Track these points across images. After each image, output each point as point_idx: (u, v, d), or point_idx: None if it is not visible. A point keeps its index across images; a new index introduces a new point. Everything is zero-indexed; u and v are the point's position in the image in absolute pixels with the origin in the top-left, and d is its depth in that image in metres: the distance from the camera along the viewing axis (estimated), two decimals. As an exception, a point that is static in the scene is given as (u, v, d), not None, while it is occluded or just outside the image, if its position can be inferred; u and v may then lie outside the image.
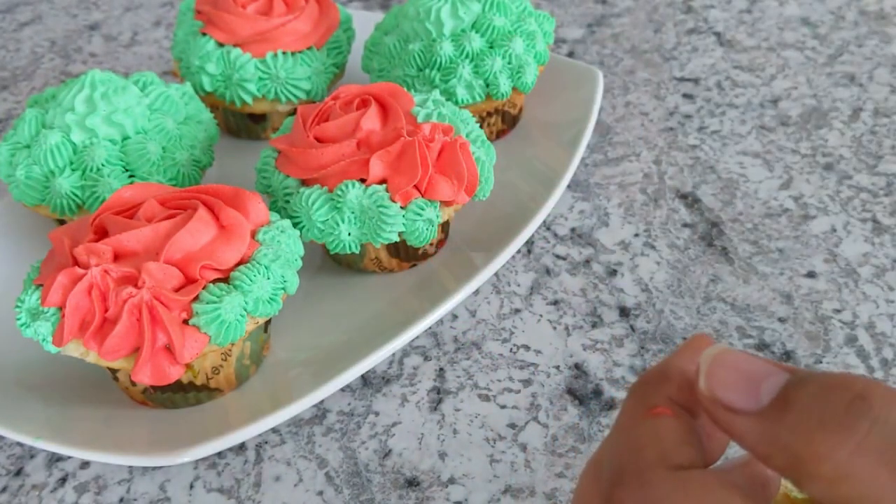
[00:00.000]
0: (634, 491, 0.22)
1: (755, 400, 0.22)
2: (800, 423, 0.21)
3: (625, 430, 0.24)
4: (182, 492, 0.42)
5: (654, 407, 0.24)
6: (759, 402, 0.22)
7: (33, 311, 0.40)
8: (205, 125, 0.54)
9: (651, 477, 0.22)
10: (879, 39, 0.72)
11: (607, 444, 0.25)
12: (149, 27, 0.81)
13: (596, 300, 0.50)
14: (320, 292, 0.50)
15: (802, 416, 0.21)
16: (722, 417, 0.22)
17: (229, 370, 0.43)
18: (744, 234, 0.54)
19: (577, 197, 0.57)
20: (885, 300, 0.49)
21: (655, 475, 0.22)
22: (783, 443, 0.21)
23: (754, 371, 0.22)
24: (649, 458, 0.23)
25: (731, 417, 0.22)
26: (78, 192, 0.49)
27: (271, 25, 0.57)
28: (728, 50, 0.72)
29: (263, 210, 0.44)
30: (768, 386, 0.22)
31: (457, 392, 0.45)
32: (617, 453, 0.24)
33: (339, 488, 0.41)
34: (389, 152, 0.46)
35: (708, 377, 0.23)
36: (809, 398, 0.21)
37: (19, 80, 0.75)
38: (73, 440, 0.41)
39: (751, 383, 0.22)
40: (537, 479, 0.41)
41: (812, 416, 0.20)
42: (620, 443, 0.24)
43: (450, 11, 0.55)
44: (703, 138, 0.62)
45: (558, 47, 0.73)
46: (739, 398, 0.22)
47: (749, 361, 0.23)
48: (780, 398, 0.21)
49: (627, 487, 0.23)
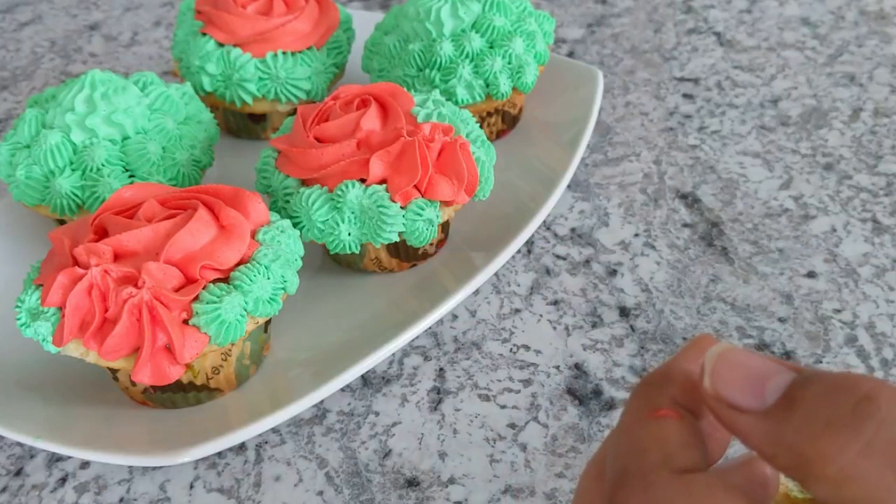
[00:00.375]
0: (638, 493, 0.22)
1: (760, 399, 0.22)
2: (805, 424, 0.20)
3: (628, 431, 0.24)
4: (182, 492, 0.42)
5: (658, 409, 0.24)
6: (763, 401, 0.22)
7: (33, 311, 0.40)
8: (205, 125, 0.54)
9: (655, 479, 0.22)
10: (879, 39, 0.72)
11: (609, 446, 0.25)
12: (149, 27, 0.81)
13: (596, 300, 0.50)
14: (320, 292, 0.50)
15: (808, 416, 0.21)
16: (726, 416, 0.22)
17: (229, 370, 0.43)
18: (744, 234, 0.54)
19: (577, 197, 0.57)
20: (885, 300, 0.49)
21: (659, 478, 0.22)
22: (788, 443, 0.21)
23: (759, 370, 0.22)
24: (653, 461, 0.23)
25: (735, 416, 0.22)
26: (78, 192, 0.49)
27: (271, 25, 0.57)
28: (728, 50, 0.72)
29: (263, 210, 0.44)
30: (773, 385, 0.22)
31: (457, 392, 0.45)
32: (620, 455, 0.24)
33: (339, 488, 0.41)
34: (389, 152, 0.46)
35: (713, 376, 0.23)
36: (815, 398, 0.21)
37: (19, 80, 0.75)
38: (73, 440, 0.41)
39: (755, 382, 0.22)
40: (537, 479, 0.41)
41: (818, 417, 0.20)
42: (623, 444, 0.24)
43: (450, 11, 0.55)
44: (703, 138, 0.62)
45: (558, 47, 0.73)
46: (744, 397, 0.22)
47: (754, 360, 0.22)
48: (786, 397, 0.21)
49: (631, 489, 0.22)
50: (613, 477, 0.23)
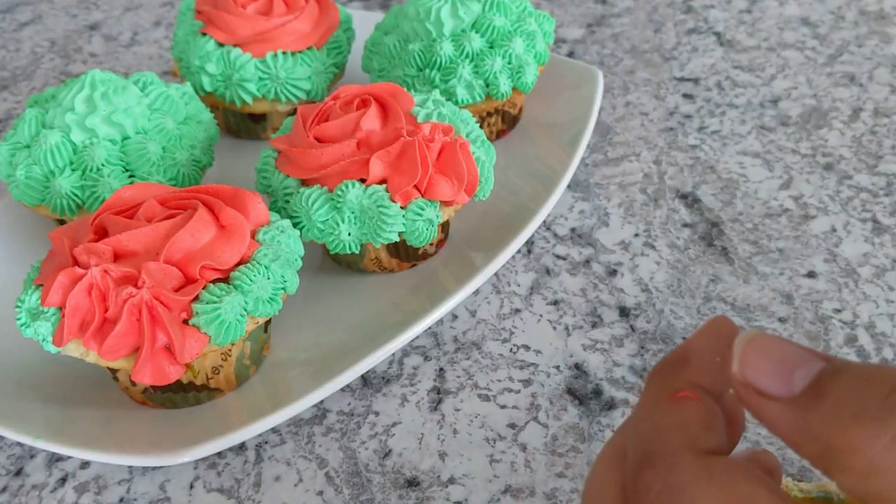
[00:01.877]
0: (662, 474, 0.22)
1: (788, 386, 0.22)
2: (833, 414, 0.20)
3: (649, 414, 0.24)
4: (182, 492, 0.42)
5: (678, 391, 0.24)
6: (791, 388, 0.22)
7: (33, 311, 0.40)
8: (205, 125, 0.54)
9: (678, 460, 0.22)
10: (879, 39, 0.72)
11: (629, 431, 0.25)
12: (149, 27, 0.81)
13: (596, 300, 0.50)
14: (320, 292, 0.50)
15: (837, 406, 0.20)
16: (754, 402, 0.22)
17: (229, 370, 0.43)
18: (744, 234, 0.54)
19: (577, 197, 0.57)
20: (885, 300, 0.49)
21: (683, 459, 0.22)
22: (815, 432, 0.21)
23: (789, 357, 0.22)
24: (676, 443, 0.23)
25: (763, 403, 0.22)
26: (78, 192, 0.49)
27: (271, 25, 0.57)
28: (728, 50, 0.72)
29: (263, 210, 0.44)
30: (802, 373, 0.22)
31: (457, 392, 0.45)
32: (642, 438, 0.24)
33: (339, 488, 0.41)
34: (389, 152, 0.46)
35: (742, 361, 0.22)
36: (844, 388, 0.21)
37: (19, 80, 0.75)
38: (73, 440, 0.41)
39: (784, 369, 0.22)
40: (537, 479, 0.41)
41: (846, 408, 0.20)
42: (646, 427, 0.24)
43: (450, 11, 0.55)
44: (703, 138, 0.62)
45: (558, 47, 0.73)
46: (772, 384, 0.22)
47: (784, 347, 0.22)
48: (814, 386, 0.21)
49: (654, 471, 0.22)
50: (636, 460, 0.23)
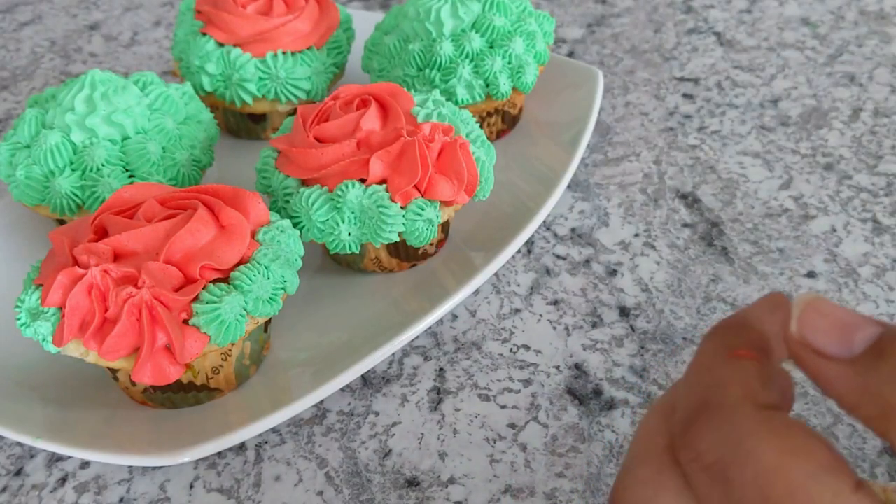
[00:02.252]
0: (719, 425, 0.22)
1: (848, 347, 0.22)
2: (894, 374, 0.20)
3: (706, 369, 0.24)
4: (182, 492, 0.42)
5: (737, 349, 0.24)
6: (851, 349, 0.22)
7: (33, 311, 0.40)
8: (205, 125, 0.54)
9: (738, 412, 0.22)
10: (879, 39, 0.72)
11: (683, 386, 0.24)
12: (149, 27, 0.81)
13: (596, 300, 0.50)
14: (320, 292, 0.50)
15: None
16: (811, 363, 0.22)
17: (229, 370, 0.43)
18: (744, 234, 0.54)
19: (577, 197, 0.57)
20: (885, 300, 0.49)
21: (742, 410, 0.22)
22: (874, 392, 0.21)
23: (849, 320, 0.22)
24: (736, 394, 0.22)
25: (820, 363, 0.22)
26: (78, 192, 0.49)
27: (271, 25, 0.57)
28: (728, 50, 0.72)
29: (263, 210, 0.44)
30: (863, 335, 0.22)
31: (457, 392, 0.45)
32: (697, 392, 0.23)
33: (339, 488, 0.41)
34: (389, 152, 0.46)
35: (801, 321, 0.23)
36: None
37: (19, 80, 0.75)
38: (73, 440, 0.41)
39: (845, 330, 0.22)
40: (537, 479, 0.41)
41: None
42: (700, 382, 0.23)
43: (450, 11, 0.55)
44: (703, 138, 0.62)
45: (558, 47, 0.73)
46: (831, 344, 0.22)
47: (844, 311, 0.23)
48: (875, 348, 0.21)
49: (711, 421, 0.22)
50: (687, 412, 0.23)
